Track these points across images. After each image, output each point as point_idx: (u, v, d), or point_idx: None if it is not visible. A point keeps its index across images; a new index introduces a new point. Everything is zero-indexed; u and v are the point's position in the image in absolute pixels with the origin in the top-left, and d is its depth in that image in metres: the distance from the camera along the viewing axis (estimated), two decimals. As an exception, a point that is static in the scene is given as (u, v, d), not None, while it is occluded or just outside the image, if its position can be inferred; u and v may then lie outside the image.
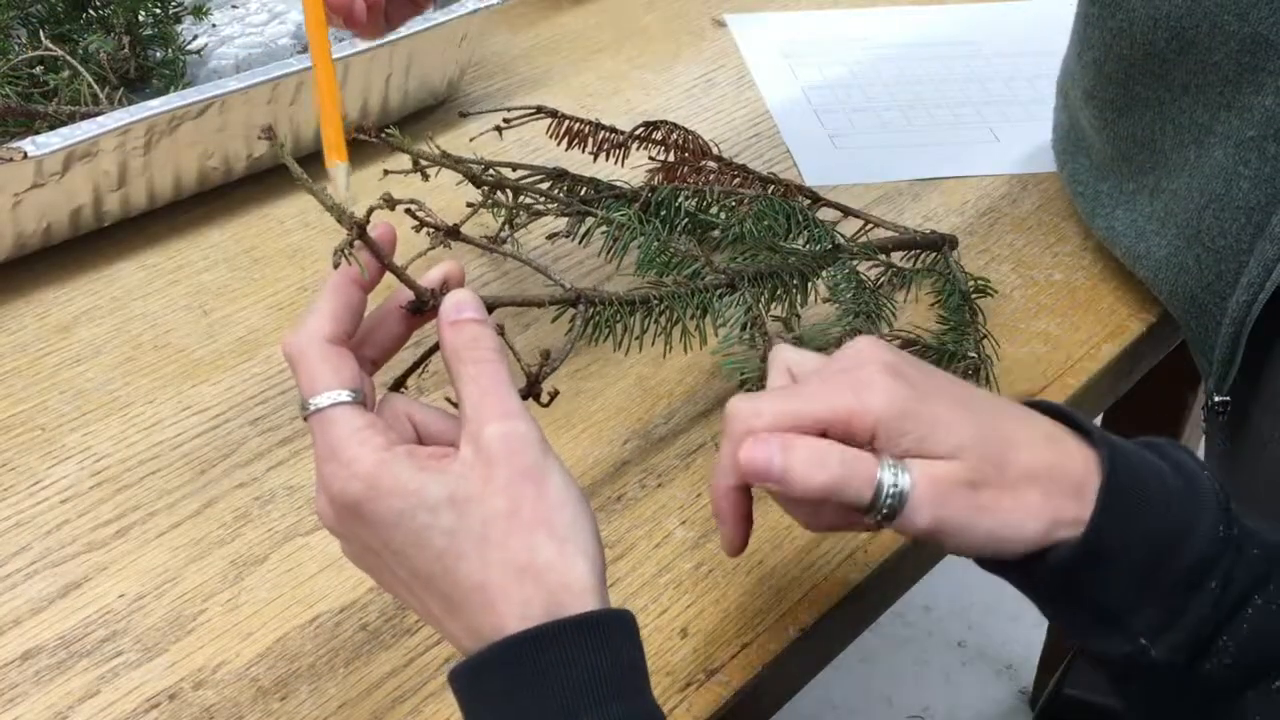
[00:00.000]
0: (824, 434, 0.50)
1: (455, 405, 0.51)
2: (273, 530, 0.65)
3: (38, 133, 0.76)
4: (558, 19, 1.11)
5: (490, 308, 0.53)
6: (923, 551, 0.69)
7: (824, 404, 0.50)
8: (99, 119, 0.77)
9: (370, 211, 0.51)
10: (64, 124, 0.78)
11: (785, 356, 0.56)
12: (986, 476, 0.49)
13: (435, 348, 0.56)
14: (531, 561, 0.46)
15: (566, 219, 0.78)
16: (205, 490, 0.67)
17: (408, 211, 0.61)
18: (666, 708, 0.58)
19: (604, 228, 0.75)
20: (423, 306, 0.53)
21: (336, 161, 0.56)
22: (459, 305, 0.51)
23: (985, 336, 0.75)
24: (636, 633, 0.48)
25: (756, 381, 0.68)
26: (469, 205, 0.76)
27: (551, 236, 0.80)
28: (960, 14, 1.15)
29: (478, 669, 0.46)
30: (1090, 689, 0.77)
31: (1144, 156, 0.78)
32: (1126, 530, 0.49)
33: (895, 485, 0.48)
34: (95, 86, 0.85)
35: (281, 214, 0.87)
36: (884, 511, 0.49)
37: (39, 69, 0.86)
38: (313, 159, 0.89)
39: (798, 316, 0.72)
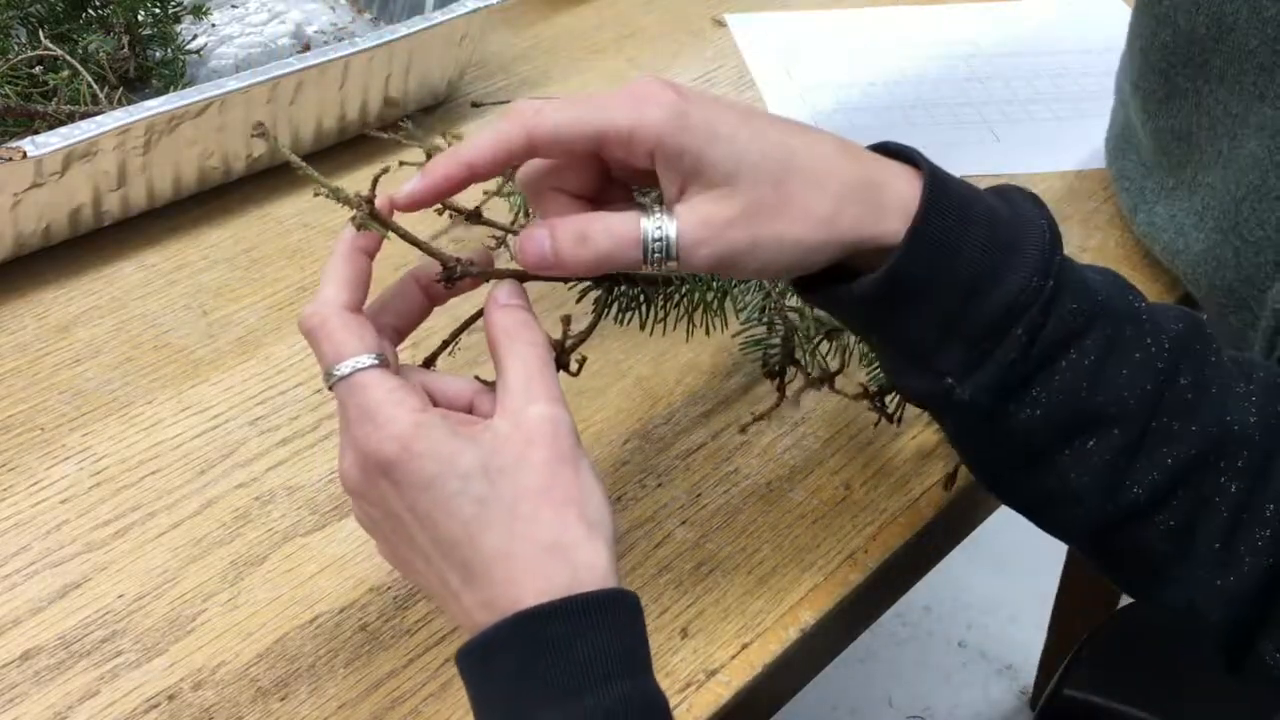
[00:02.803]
0: (600, 148, 0.49)
1: (485, 384, 0.51)
2: (272, 530, 0.65)
3: (37, 132, 0.76)
4: (558, 19, 1.11)
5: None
6: (923, 552, 0.69)
7: (604, 115, 0.49)
8: (98, 119, 0.77)
9: (375, 182, 0.51)
10: (63, 124, 0.78)
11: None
12: (761, 200, 0.49)
13: (463, 327, 0.56)
14: (559, 538, 0.46)
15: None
16: (205, 490, 0.67)
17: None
18: (666, 708, 0.58)
19: None
20: (451, 277, 0.52)
21: None
22: (510, 293, 0.52)
23: None
24: (641, 614, 0.48)
25: (776, 365, 0.69)
26: (485, 193, 0.76)
27: None
28: (960, 14, 1.15)
29: (488, 644, 0.46)
30: (1090, 689, 0.77)
31: (1181, 150, 0.78)
32: (932, 273, 0.49)
33: (660, 236, 0.49)
34: (95, 86, 0.85)
35: (281, 214, 0.87)
36: (657, 256, 0.49)
37: (38, 69, 0.86)
38: (312, 159, 0.90)
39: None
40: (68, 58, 0.85)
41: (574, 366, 0.58)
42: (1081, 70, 1.07)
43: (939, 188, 0.50)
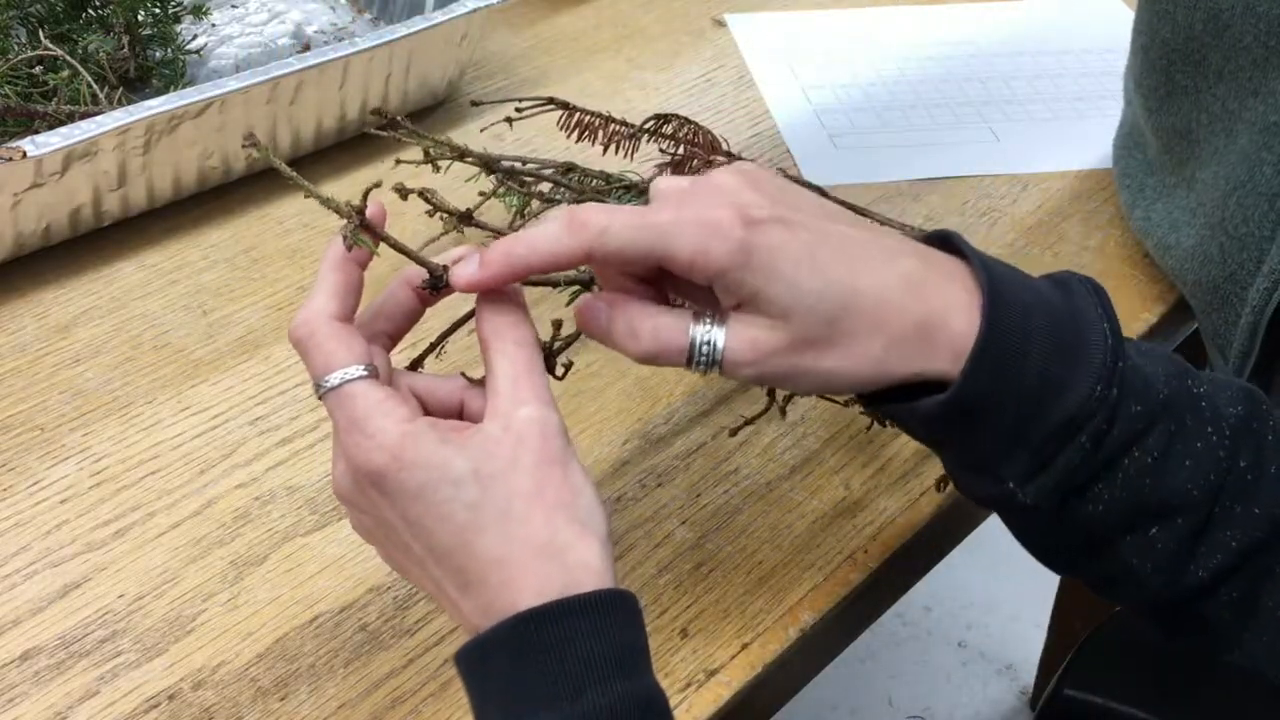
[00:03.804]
0: (661, 269, 0.50)
1: (473, 382, 0.51)
2: (272, 530, 0.65)
3: (37, 132, 0.76)
4: (558, 19, 1.11)
5: None
6: (923, 552, 0.69)
7: (667, 245, 0.49)
8: (98, 119, 0.77)
9: (366, 193, 0.51)
10: (63, 124, 0.78)
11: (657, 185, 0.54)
12: (812, 336, 0.49)
13: (454, 328, 0.56)
14: (552, 539, 0.46)
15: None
16: (205, 490, 0.67)
17: (421, 195, 0.61)
18: (666, 708, 0.58)
19: None
20: (438, 284, 0.52)
21: None
22: (503, 288, 0.51)
23: None
24: (640, 614, 0.48)
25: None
26: (481, 194, 0.76)
27: None
28: (960, 14, 1.15)
29: (485, 646, 0.46)
30: (1090, 689, 0.77)
31: (1182, 148, 0.78)
32: (996, 391, 0.49)
33: (708, 345, 0.49)
34: (95, 86, 0.85)
35: (281, 214, 0.87)
36: (701, 366, 0.50)
37: (38, 69, 0.86)
38: (312, 159, 0.90)
39: None
40: (68, 58, 0.85)
41: (560, 371, 0.57)
42: (1081, 70, 1.07)
43: (999, 305, 0.49)
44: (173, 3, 0.93)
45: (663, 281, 0.52)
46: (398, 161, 0.76)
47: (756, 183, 0.50)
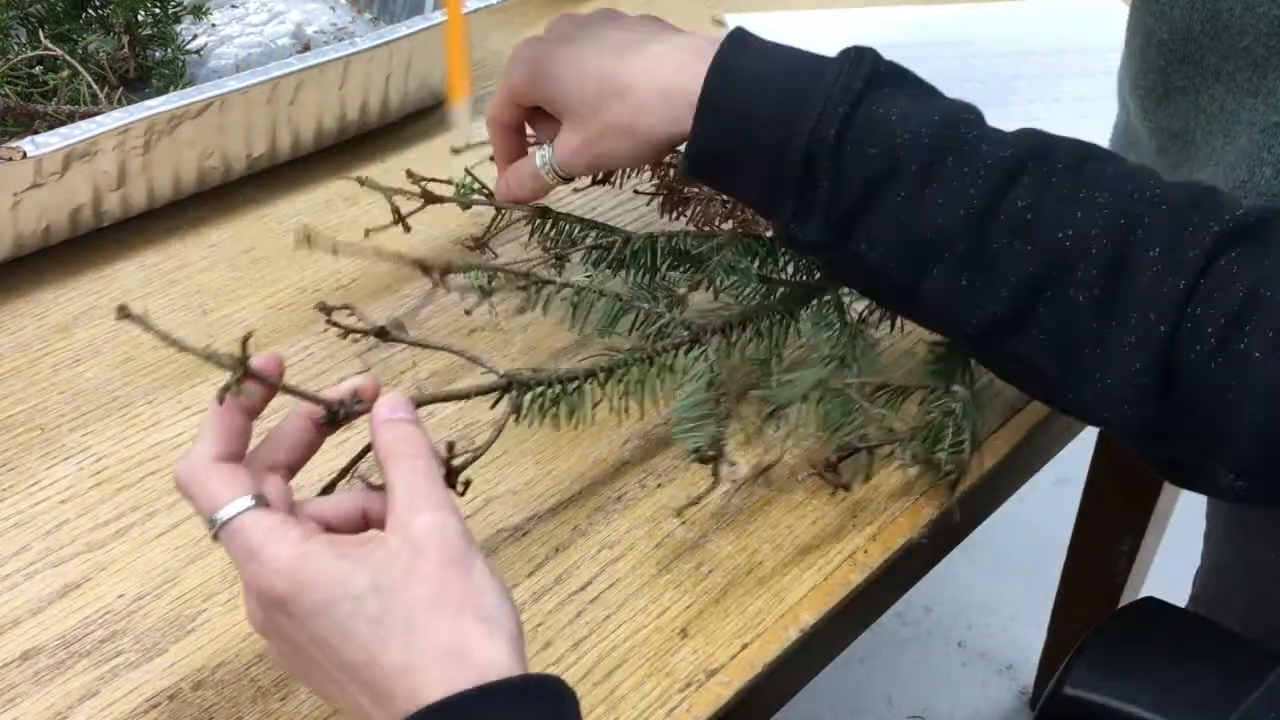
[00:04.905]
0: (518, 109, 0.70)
1: (373, 488, 0.53)
2: (272, 530, 0.65)
3: (37, 132, 0.76)
4: (557, 19, 1.11)
5: (417, 405, 0.54)
6: (923, 552, 0.69)
7: (502, 86, 0.70)
8: (98, 119, 0.77)
9: (245, 341, 0.51)
10: (63, 124, 0.78)
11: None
12: (591, 124, 0.65)
13: (363, 453, 0.56)
14: (457, 642, 0.46)
15: (521, 292, 0.72)
16: (205, 490, 0.67)
17: (330, 323, 0.59)
18: (666, 708, 0.58)
19: (564, 293, 0.70)
20: (334, 419, 0.54)
21: (460, 101, 0.70)
22: (392, 406, 0.53)
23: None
24: (564, 701, 0.47)
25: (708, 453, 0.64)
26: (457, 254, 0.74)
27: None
28: (960, 14, 1.15)
29: None
30: (1090, 689, 0.77)
31: (1178, 149, 0.78)
32: (727, 138, 0.61)
33: (545, 160, 0.69)
34: (94, 86, 0.85)
35: (281, 214, 0.87)
36: (550, 174, 0.69)
37: (38, 69, 0.86)
38: (312, 159, 0.90)
39: (779, 357, 0.70)
40: (68, 58, 0.85)
41: (460, 489, 0.56)
42: (1081, 70, 1.07)
43: (724, 70, 0.61)
44: (173, 3, 0.93)
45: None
46: (361, 182, 0.75)
47: (567, 19, 0.68)
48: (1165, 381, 0.55)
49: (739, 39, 0.62)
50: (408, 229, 0.76)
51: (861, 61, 0.60)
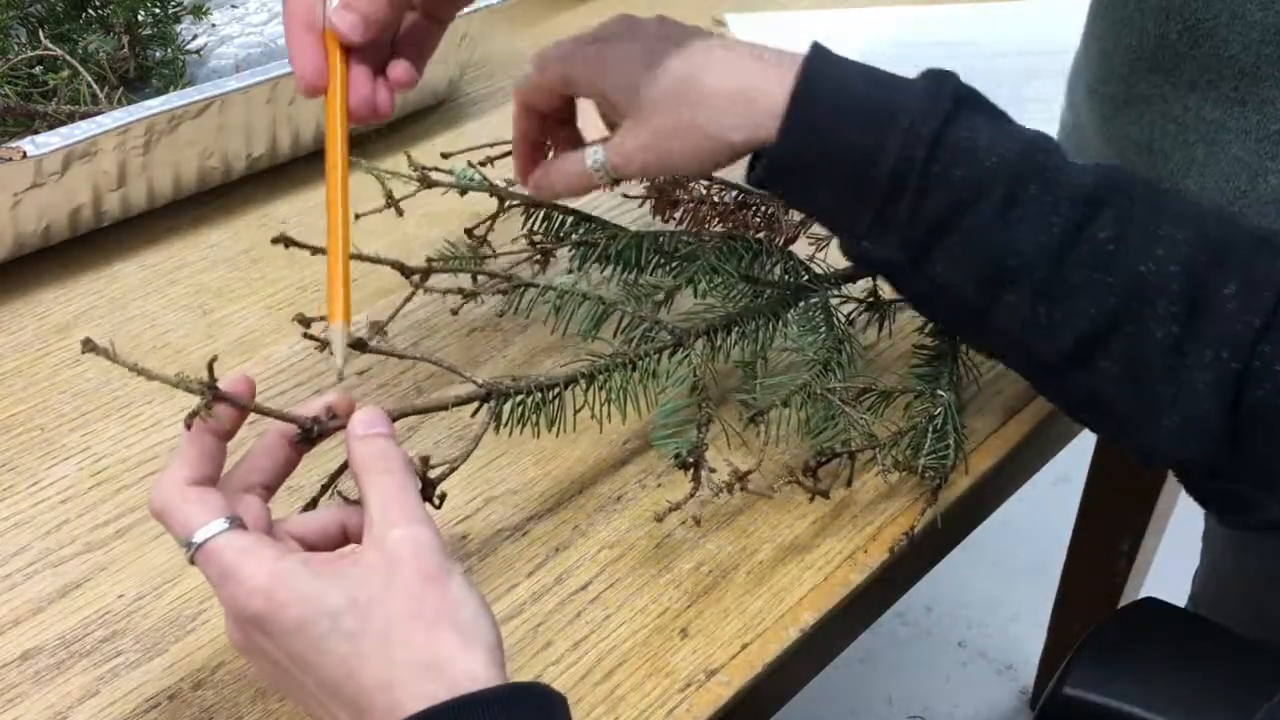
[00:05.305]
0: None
1: (349, 503, 0.53)
2: (272, 530, 0.65)
3: (37, 132, 0.76)
4: (558, 19, 1.11)
5: (394, 418, 0.54)
6: (923, 552, 0.69)
7: (547, 74, 0.67)
8: (98, 119, 0.77)
9: (211, 364, 0.51)
10: (63, 124, 0.78)
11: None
12: (653, 122, 0.62)
13: (342, 469, 0.57)
14: (435, 656, 0.46)
15: (502, 296, 0.73)
16: (205, 490, 0.67)
17: (307, 336, 0.60)
18: (666, 708, 0.58)
19: (546, 296, 0.71)
20: (309, 436, 0.54)
21: (336, 322, 0.57)
22: (367, 422, 0.53)
23: (961, 362, 0.72)
24: (553, 706, 0.47)
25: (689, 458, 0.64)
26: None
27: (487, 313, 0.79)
28: (960, 14, 1.15)
29: None
30: (1090, 689, 0.77)
31: (1140, 159, 0.77)
32: (811, 150, 0.59)
33: (597, 159, 0.65)
34: (95, 86, 0.85)
35: (281, 214, 0.87)
36: (601, 174, 0.65)
37: (38, 69, 0.86)
38: (312, 159, 0.90)
39: (764, 360, 0.70)
40: (68, 58, 0.85)
41: (436, 502, 0.57)
42: (1081, 70, 1.06)
43: (811, 78, 0.58)
44: (173, 3, 0.93)
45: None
46: (410, 161, 0.76)
47: (625, 18, 0.66)
48: (1233, 419, 0.55)
49: (821, 51, 0.60)
50: (400, 213, 0.76)
51: (945, 82, 0.59)
